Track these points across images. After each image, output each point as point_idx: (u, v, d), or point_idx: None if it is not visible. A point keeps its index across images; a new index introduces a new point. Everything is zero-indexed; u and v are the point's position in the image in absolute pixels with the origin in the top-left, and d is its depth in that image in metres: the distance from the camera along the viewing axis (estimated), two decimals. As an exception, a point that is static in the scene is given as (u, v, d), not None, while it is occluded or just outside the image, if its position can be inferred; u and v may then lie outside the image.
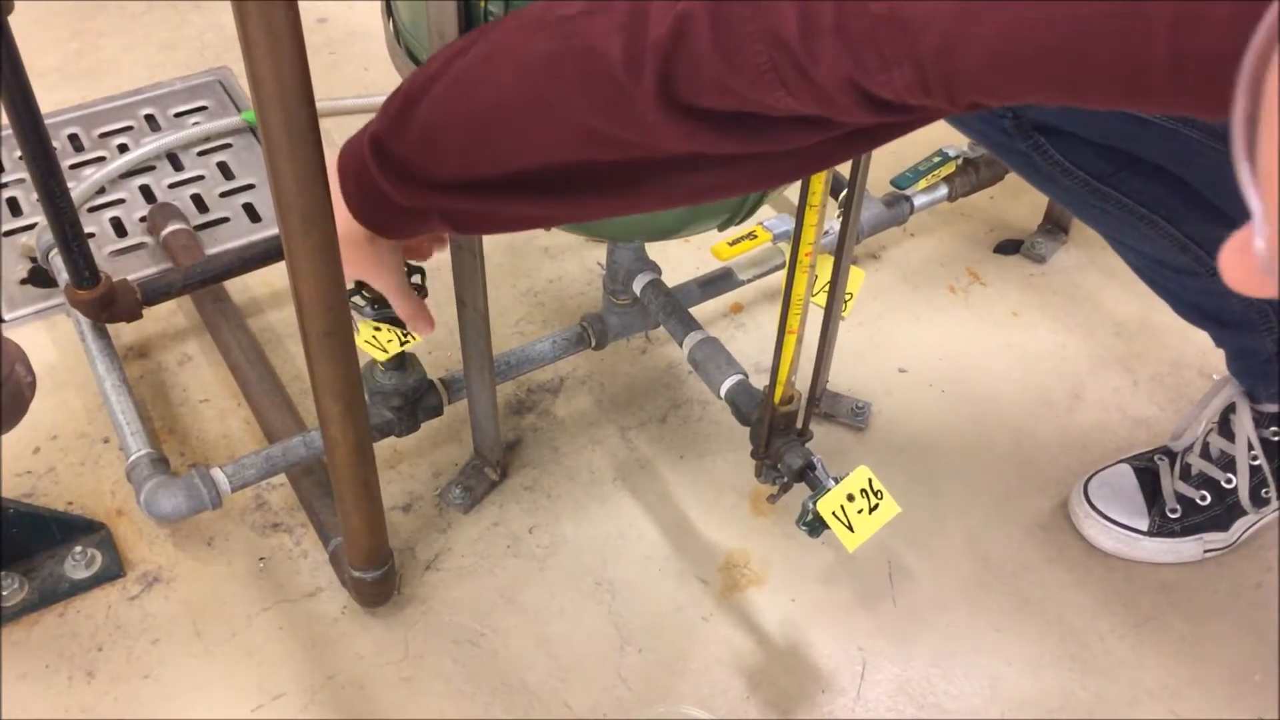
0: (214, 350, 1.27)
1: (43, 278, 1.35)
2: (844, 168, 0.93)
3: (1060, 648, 1.06)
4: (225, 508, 1.08)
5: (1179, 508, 1.10)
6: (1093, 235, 1.44)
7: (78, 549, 1.08)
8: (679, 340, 1.15)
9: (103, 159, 1.53)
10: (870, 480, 0.94)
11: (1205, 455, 1.10)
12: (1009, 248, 1.45)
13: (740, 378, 1.10)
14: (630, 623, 1.07)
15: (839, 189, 1.23)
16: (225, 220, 1.46)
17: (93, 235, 1.41)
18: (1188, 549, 1.11)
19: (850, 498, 0.93)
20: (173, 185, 1.50)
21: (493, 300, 0.99)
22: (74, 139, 1.56)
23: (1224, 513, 1.10)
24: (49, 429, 1.20)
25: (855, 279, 1.06)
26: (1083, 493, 1.13)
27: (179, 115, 1.61)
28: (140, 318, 1.18)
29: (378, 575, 1.01)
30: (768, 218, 1.16)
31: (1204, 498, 1.10)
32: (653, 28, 0.58)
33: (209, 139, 1.56)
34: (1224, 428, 1.10)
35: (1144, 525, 1.11)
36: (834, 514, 0.93)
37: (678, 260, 1.32)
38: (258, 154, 1.55)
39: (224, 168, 1.53)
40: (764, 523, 1.15)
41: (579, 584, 1.10)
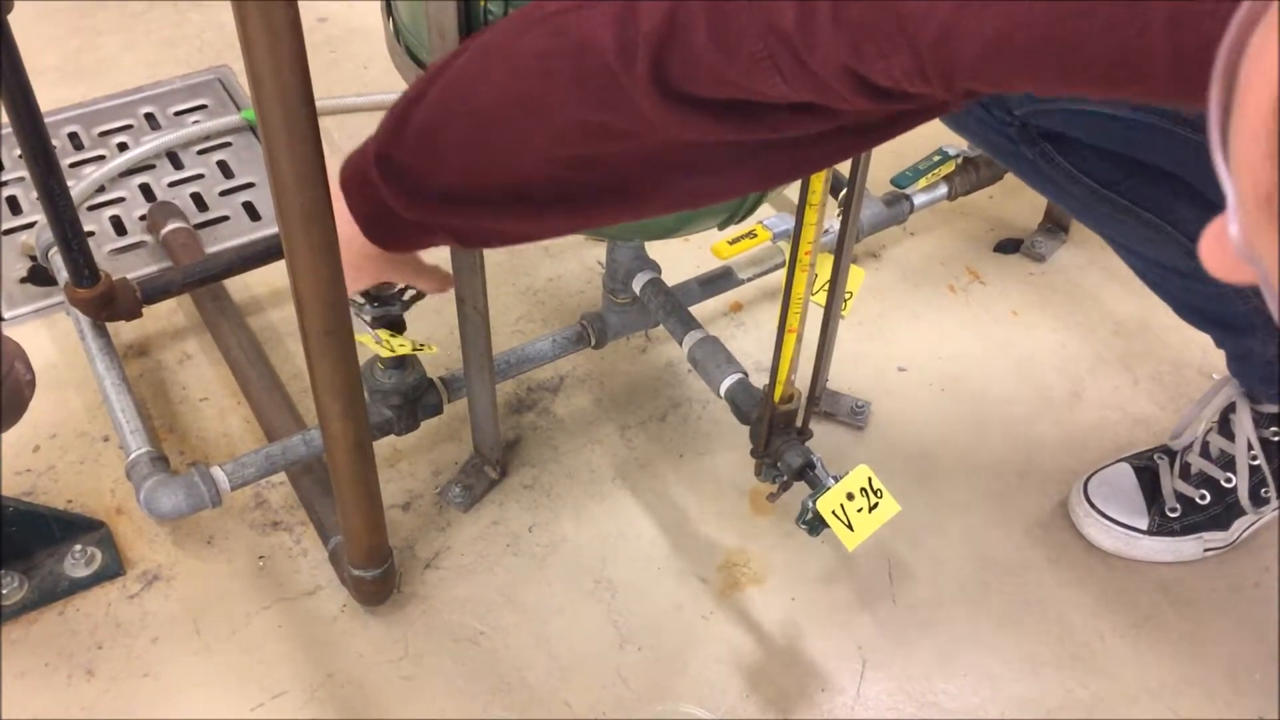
0: (214, 349, 1.27)
1: (42, 276, 1.35)
2: (843, 166, 0.94)
3: (1060, 646, 1.06)
4: (225, 506, 1.08)
5: (1179, 507, 1.10)
6: (1093, 234, 1.44)
7: (77, 547, 1.08)
8: (679, 339, 1.15)
9: (102, 157, 1.53)
10: (870, 479, 0.94)
11: (1205, 454, 1.10)
12: (1009, 246, 1.45)
13: (740, 376, 1.10)
14: (630, 621, 1.07)
15: (839, 188, 1.23)
16: (225, 219, 1.46)
17: (92, 234, 1.41)
18: (1187, 548, 1.11)
19: (850, 496, 0.93)
20: (172, 184, 1.50)
21: (492, 299, 0.99)
22: (73, 137, 1.56)
23: (1223, 512, 1.10)
24: (49, 427, 1.20)
25: (855, 278, 1.06)
26: (1082, 492, 1.13)
27: (179, 114, 1.61)
28: (140, 316, 1.18)
29: (377, 574, 1.01)
30: (767, 216, 1.16)
31: (1203, 497, 1.10)
32: (645, 19, 0.58)
33: (209, 137, 1.56)
34: (1224, 427, 1.10)
35: (1144, 524, 1.11)
36: (834, 513, 0.93)
37: (677, 259, 1.32)
38: (257, 152, 1.55)
39: (224, 166, 1.53)
40: (764, 521, 1.15)
41: (579, 582, 1.10)
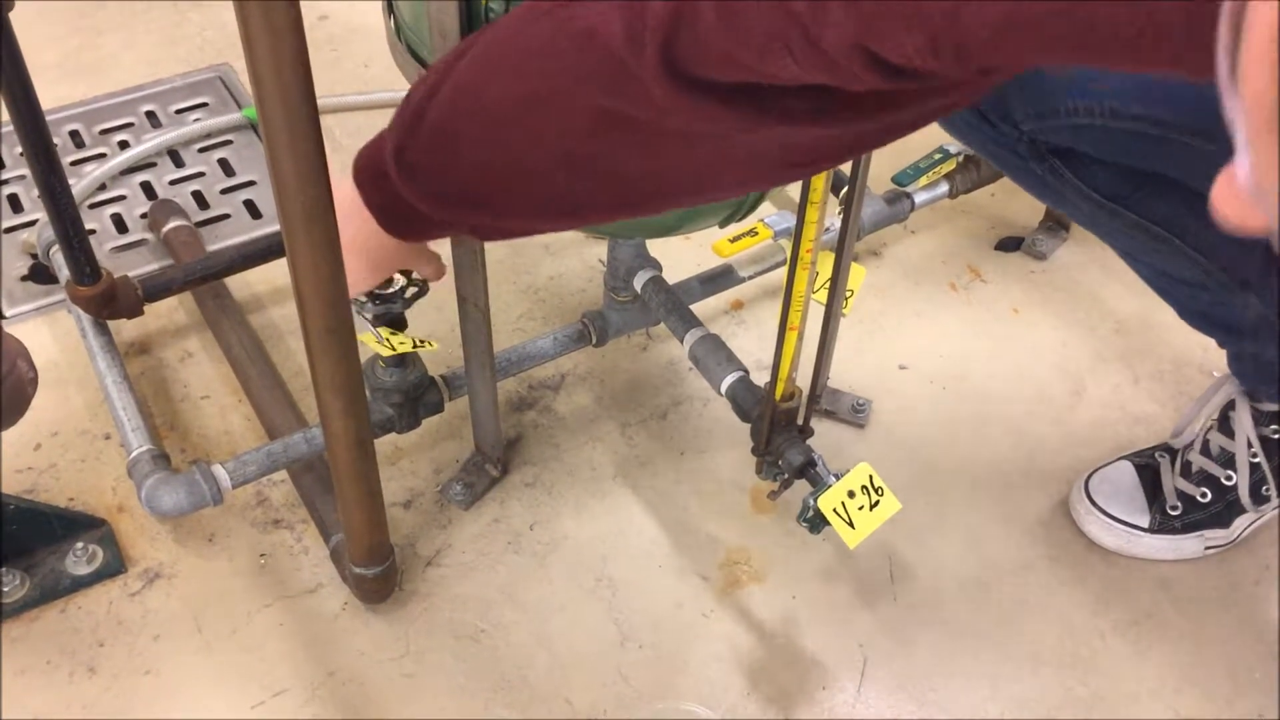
0: (215, 347, 1.27)
1: (44, 274, 1.35)
2: (845, 165, 0.94)
3: (1060, 645, 1.06)
4: (226, 504, 1.08)
5: (1180, 505, 1.10)
6: (1093, 232, 1.44)
7: (79, 545, 1.08)
8: (680, 337, 1.16)
9: (103, 155, 1.53)
10: (871, 477, 0.94)
11: (1205, 452, 1.10)
12: (1010, 245, 1.45)
13: (741, 374, 1.10)
14: (631, 619, 1.07)
15: (840, 186, 1.23)
16: (226, 217, 1.46)
17: (93, 232, 1.41)
18: (1188, 546, 1.11)
19: (851, 494, 0.93)
20: (173, 182, 1.50)
21: (494, 297, 0.99)
22: (75, 135, 1.56)
23: (1224, 510, 1.10)
24: (50, 425, 1.20)
25: (856, 276, 1.06)
26: (1084, 489, 1.13)
27: (180, 112, 1.61)
28: (141, 314, 1.18)
29: (379, 571, 1.01)
30: (768, 214, 1.16)
31: (1204, 495, 1.10)
32: (653, 3, 0.58)
33: (210, 136, 1.56)
34: (1224, 425, 1.10)
35: (1145, 522, 1.11)
36: (835, 510, 0.93)
37: (678, 257, 1.32)
38: (258, 151, 1.55)
39: (225, 164, 1.53)
40: (765, 519, 1.15)
41: (580, 580, 1.10)
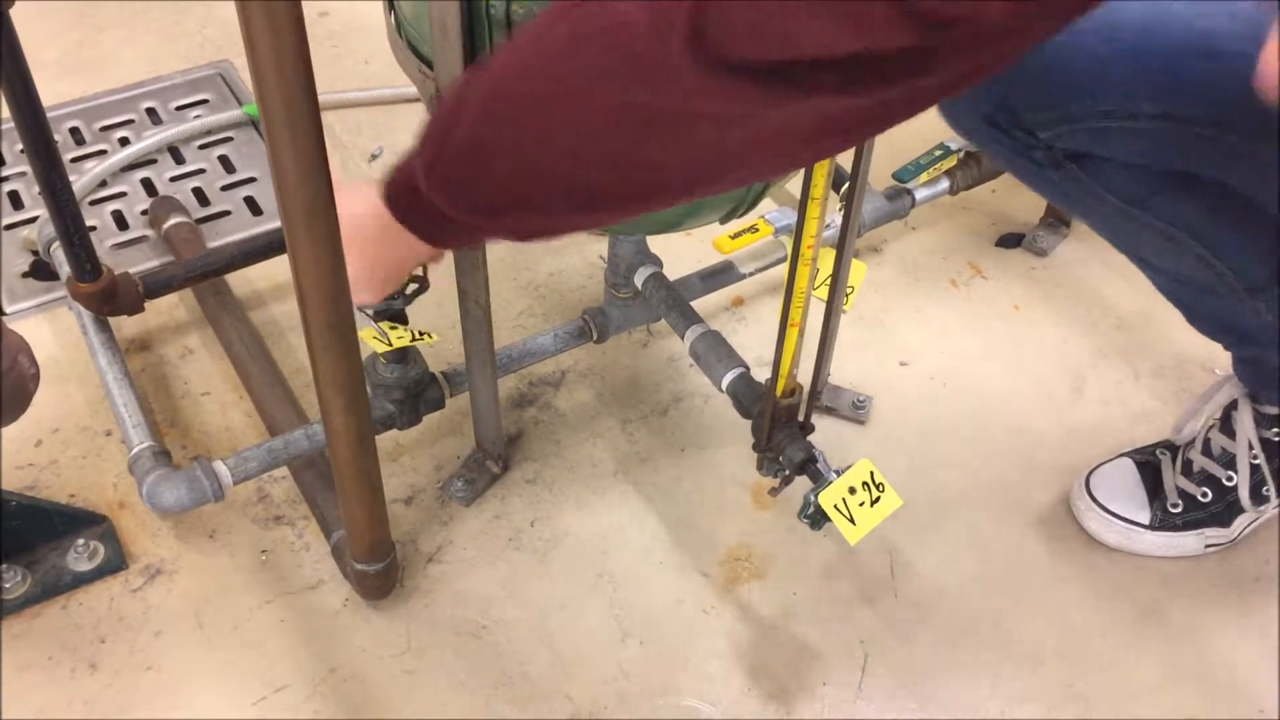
0: (216, 343, 1.27)
1: (44, 271, 1.35)
2: (845, 160, 0.93)
3: (1061, 641, 1.06)
4: (227, 500, 1.08)
5: (1180, 503, 1.10)
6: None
7: (80, 541, 1.08)
8: (680, 333, 1.16)
9: (104, 152, 1.53)
10: (872, 473, 0.94)
11: (1206, 452, 1.10)
12: (1011, 241, 1.45)
13: (742, 371, 1.10)
14: (631, 615, 1.07)
15: (840, 182, 1.23)
16: (227, 213, 1.46)
17: (94, 228, 1.41)
18: (1189, 543, 1.11)
19: (852, 490, 0.93)
20: (174, 179, 1.50)
21: (494, 293, 0.99)
22: (75, 132, 1.56)
23: (1225, 510, 1.10)
24: (51, 422, 1.20)
25: (857, 272, 1.06)
26: (1084, 486, 1.13)
27: (180, 108, 1.61)
28: (142, 311, 1.18)
29: (380, 568, 1.01)
30: (769, 211, 1.16)
31: (1205, 495, 1.10)
32: None
33: (210, 132, 1.56)
34: (1225, 425, 1.10)
35: (1145, 519, 1.11)
36: (835, 507, 0.93)
37: (679, 253, 1.32)
38: (259, 147, 1.55)
39: (225, 161, 1.53)
40: (765, 516, 1.15)
41: (580, 577, 1.10)
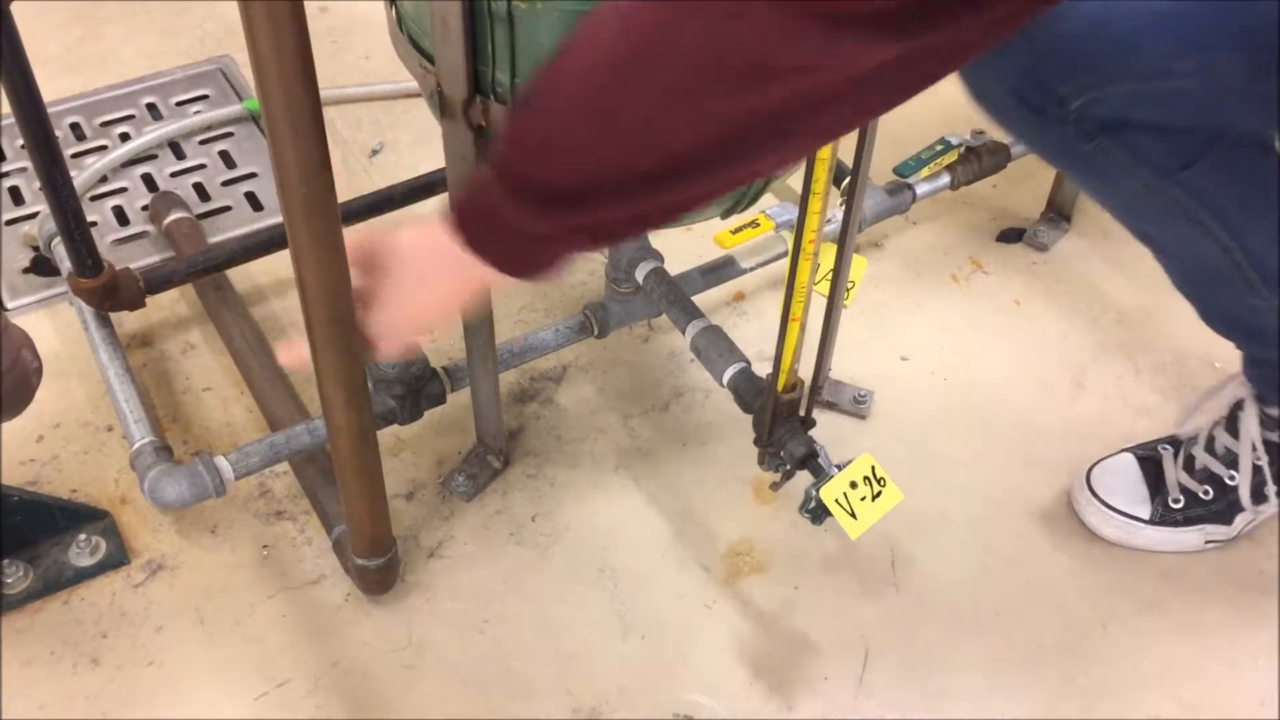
0: (216, 339, 1.27)
1: (45, 266, 1.36)
2: (847, 155, 0.93)
3: (1062, 634, 1.06)
4: (229, 496, 1.08)
5: (1182, 498, 1.10)
6: (1096, 224, 1.44)
7: (82, 537, 1.08)
8: (681, 328, 1.15)
9: (104, 148, 1.53)
10: (873, 467, 0.94)
11: (1210, 450, 1.10)
12: (1011, 236, 1.45)
13: (743, 366, 1.10)
14: (633, 610, 1.07)
15: (842, 177, 1.23)
16: (227, 209, 1.46)
17: (95, 224, 1.41)
18: (1189, 539, 1.11)
19: (853, 485, 0.94)
20: (175, 174, 1.50)
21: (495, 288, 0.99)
22: (75, 128, 1.56)
23: (1226, 508, 1.10)
24: (52, 417, 1.20)
25: (858, 267, 1.06)
26: (1085, 480, 1.13)
27: (180, 104, 1.61)
28: (143, 306, 1.18)
29: (381, 563, 1.02)
30: (770, 206, 1.16)
31: (1206, 492, 1.10)
32: None
33: (211, 128, 1.56)
34: (1231, 424, 1.09)
35: (1145, 514, 1.11)
36: (837, 501, 0.93)
37: (680, 248, 1.32)
38: (259, 143, 1.55)
39: (226, 156, 1.53)
40: (767, 510, 1.15)
41: (582, 572, 1.10)
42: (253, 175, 1.50)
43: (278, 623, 1.05)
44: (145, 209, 1.43)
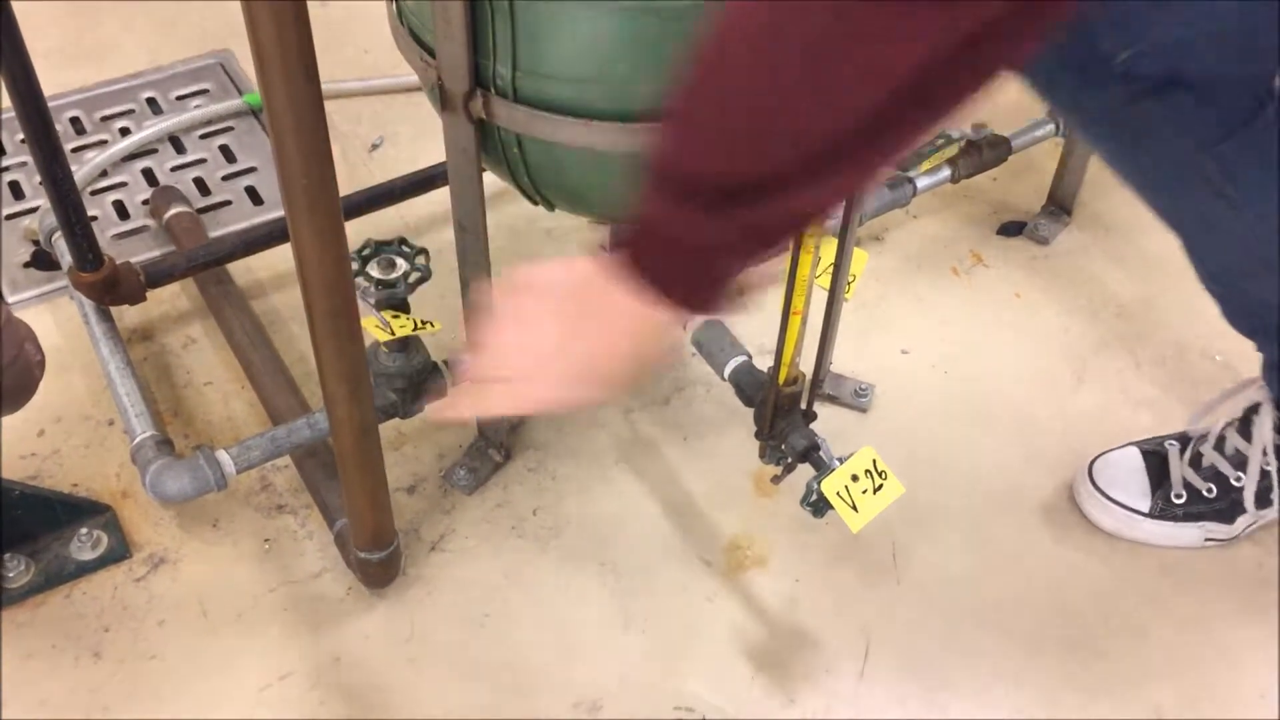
0: (217, 333, 1.27)
1: (46, 261, 1.36)
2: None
3: (1063, 628, 1.06)
4: (230, 490, 1.08)
5: (1184, 494, 1.10)
6: (1097, 217, 1.44)
7: (83, 530, 1.08)
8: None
9: (104, 142, 1.52)
10: (875, 461, 0.94)
11: (1219, 449, 1.10)
12: (1012, 229, 1.45)
13: (744, 359, 1.10)
14: (634, 603, 1.07)
15: (842, 170, 1.23)
16: (228, 203, 1.46)
17: (95, 218, 1.41)
18: (1187, 535, 1.11)
19: (855, 478, 0.94)
20: (175, 168, 1.50)
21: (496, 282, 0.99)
22: (75, 122, 1.56)
23: (1228, 508, 1.09)
24: (53, 411, 1.20)
25: (858, 261, 1.06)
26: (1087, 472, 1.13)
27: (180, 98, 1.61)
28: (144, 300, 1.18)
29: (383, 556, 1.02)
30: (771, 199, 1.16)
31: (1210, 490, 1.09)
32: None
33: (211, 122, 1.56)
34: (1244, 427, 1.09)
35: (1145, 507, 1.11)
36: (838, 494, 0.93)
37: (681, 242, 1.32)
38: (260, 137, 1.55)
39: (226, 151, 1.53)
40: (768, 504, 1.15)
41: (583, 565, 1.10)
42: (253, 169, 1.50)
43: (279, 616, 1.05)
44: (145, 203, 1.43)
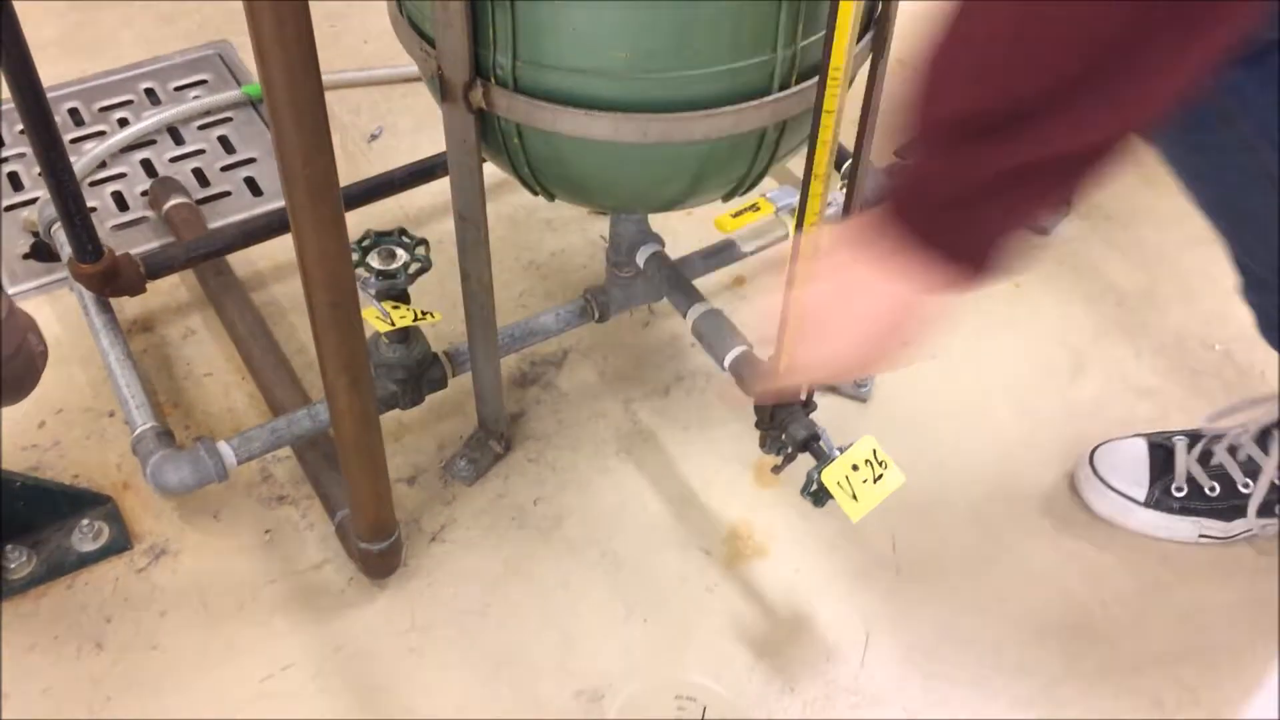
0: (217, 324, 1.27)
1: (45, 252, 1.35)
2: (848, 139, 0.93)
3: (1063, 616, 1.07)
4: (231, 481, 1.08)
5: (1185, 488, 1.10)
6: (1096, 207, 1.44)
7: (85, 522, 1.08)
8: (682, 312, 1.15)
9: (103, 133, 1.52)
10: (875, 450, 0.94)
11: (1232, 452, 1.10)
12: (1012, 219, 1.44)
13: (744, 349, 1.10)
14: (635, 593, 1.07)
15: (843, 160, 1.23)
16: (227, 194, 1.46)
17: (94, 210, 1.41)
18: (1182, 528, 1.10)
19: (855, 468, 0.94)
20: (174, 159, 1.50)
21: (496, 273, 0.99)
22: (74, 113, 1.56)
23: (1228, 509, 1.09)
24: (54, 403, 1.20)
25: (859, 250, 1.06)
26: (1089, 458, 1.13)
27: (179, 89, 1.60)
28: (143, 291, 1.18)
29: (384, 547, 1.02)
30: (771, 189, 1.16)
31: (1213, 489, 1.09)
32: None
33: (210, 113, 1.55)
34: (1262, 438, 1.09)
35: (1141, 496, 1.11)
36: (838, 484, 0.93)
37: (681, 232, 1.32)
38: (258, 128, 1.54)
39: (225, 141, 1.53)
40: (768, 494, 1.15)
41: (584, 555, 1.10)
42: (252, 160, 1.50)
43: (281, 607, 1.05)
44: (145, 194, 1.43)
